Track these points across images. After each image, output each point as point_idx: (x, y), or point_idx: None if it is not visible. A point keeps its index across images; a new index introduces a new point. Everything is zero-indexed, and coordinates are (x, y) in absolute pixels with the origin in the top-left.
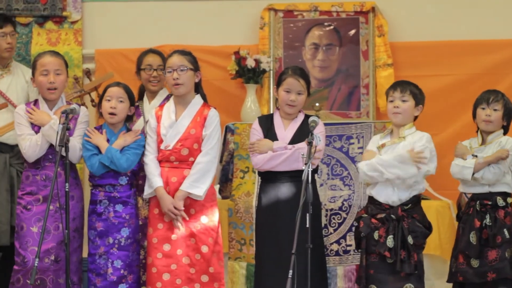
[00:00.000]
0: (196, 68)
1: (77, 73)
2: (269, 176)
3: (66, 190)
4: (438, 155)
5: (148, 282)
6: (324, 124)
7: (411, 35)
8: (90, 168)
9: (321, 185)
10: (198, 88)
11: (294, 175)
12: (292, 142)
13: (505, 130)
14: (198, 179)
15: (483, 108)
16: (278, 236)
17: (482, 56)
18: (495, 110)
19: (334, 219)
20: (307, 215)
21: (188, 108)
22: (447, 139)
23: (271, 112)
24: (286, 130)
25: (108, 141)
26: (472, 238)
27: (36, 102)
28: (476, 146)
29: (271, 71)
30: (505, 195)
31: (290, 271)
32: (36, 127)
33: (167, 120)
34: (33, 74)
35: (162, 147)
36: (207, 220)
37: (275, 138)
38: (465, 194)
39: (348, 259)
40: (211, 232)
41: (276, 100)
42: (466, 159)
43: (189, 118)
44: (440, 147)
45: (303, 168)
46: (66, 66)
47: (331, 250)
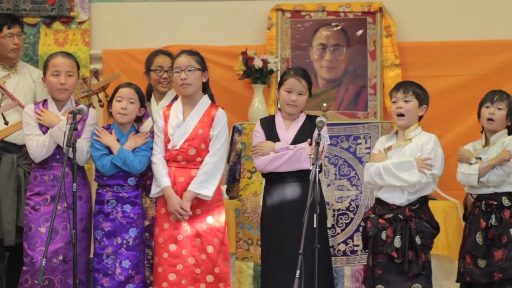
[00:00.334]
0: (203, 68)
1: (84, 73)
2: (272, 177)
3: (74, 190)
4: (445, 154)
5: (154, 282)
6: (331, 125)
7: (418, 36)
8: (101, 168)
9: (328, 185)
10: (206, 88)
11: (297, 175)
12: (294, 143)
13: (509, 131)
14: (206, 179)
15: (487, 107)
16: (283, 237)
17: (489, 56)
18: (499, 109)
19: (341, 219)
20: (314, 215)
21: (196, 108)
22: (454, 139)
23: None
24: (288, 130)
25: (118, 141)
26: (478, 238)
27: (45, 102)
28: (480, 148)
29: (279, 72)
30: (510, 195)
31: (298, 271)
32: (44, 127)
33: (174, 120)
34: (44, 74)
35: (169, 146)
36: (213, 220)
37: (277, 139)
38: (471, 195)
39: (355, 259)
40: (217, 233)
41: (278, 100)
42: (471, 163)
43: (196, 118)
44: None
45: (305, 168)
46: (78, 68)
47: (338, 250)
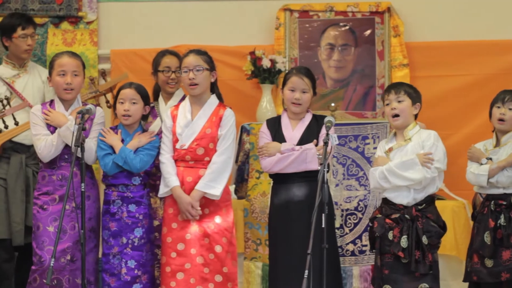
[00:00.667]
0: (212, 68)
1: (92, 73)
2: (279, 178)
3: (82, 190)
4: (454, 154)
5: (162, 281)
6: (340, 124)
7: (426, 35)
8: (104, 168)
9: (336, 185)
10: (214, 88)
11: (304, 175)
12: (300, 143)
13: None
14: (214, 179)
15: (498, 107)
16: (290, 237)
17: (498, 56)
18: (510, 109)
19: (349, 219)
20: (323, 215)
21: (204, 108)
22: (463, 139)
23: None
24: (294, 130)
25: (122, 141)
26: (487, 238)
27: (52, 103)
28: (491, 148)
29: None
30: None
31: (306, 271)
32: (51, 127)
33: (182, 120)
34: (50, 73)
35: (178, 146)
36: (221, 220)
37: (283, 139)
38: (480, 194)
39: (363, 259)
40: (225, 232)
41: (283, 101)
42: (482, 163)
43: (204, 117)
44: (456, 147)
45: (311, 168)
46: (84, 67)
47: (347, 250)
